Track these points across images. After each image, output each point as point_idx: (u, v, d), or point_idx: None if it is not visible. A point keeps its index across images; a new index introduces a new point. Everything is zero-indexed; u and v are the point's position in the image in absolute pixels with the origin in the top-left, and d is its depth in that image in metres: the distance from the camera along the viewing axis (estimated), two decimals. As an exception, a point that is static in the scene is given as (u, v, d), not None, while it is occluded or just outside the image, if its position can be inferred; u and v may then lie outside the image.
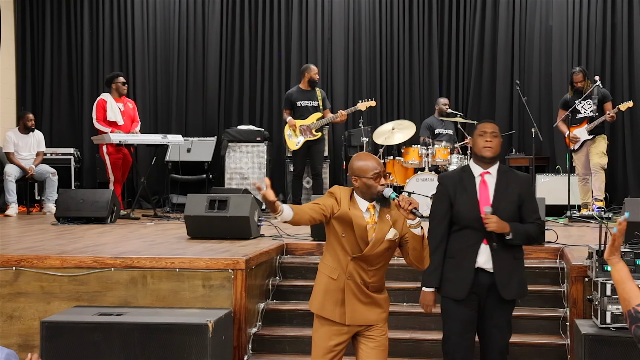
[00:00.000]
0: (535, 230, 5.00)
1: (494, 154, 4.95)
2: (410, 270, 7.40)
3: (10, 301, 6.66)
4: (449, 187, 5.01)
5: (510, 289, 4.92)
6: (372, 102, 11.17)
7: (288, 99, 11.22)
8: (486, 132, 4.95)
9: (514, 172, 5.19)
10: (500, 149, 5.01)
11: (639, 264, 5.71)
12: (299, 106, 11.05)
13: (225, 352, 6.19)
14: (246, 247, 7.34)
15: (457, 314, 4.97)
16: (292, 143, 11.08)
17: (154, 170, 12.29)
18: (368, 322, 4.67)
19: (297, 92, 11.18)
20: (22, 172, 11.49)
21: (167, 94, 13.25)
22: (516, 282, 4.96)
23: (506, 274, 4.90)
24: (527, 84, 12.25)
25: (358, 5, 12.80)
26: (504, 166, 5.13)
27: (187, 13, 13.19)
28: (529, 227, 4.95)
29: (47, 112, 13.44)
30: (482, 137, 4.95)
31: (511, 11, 12.44)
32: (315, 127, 10.96)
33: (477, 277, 4.90)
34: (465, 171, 5.06)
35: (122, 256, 6.73)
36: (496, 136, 4.96)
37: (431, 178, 10.63)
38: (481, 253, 4.90)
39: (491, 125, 5.01)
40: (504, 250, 4.90)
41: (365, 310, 4.66)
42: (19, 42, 13.46)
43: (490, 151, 4.94)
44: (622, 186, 11.95)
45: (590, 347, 5.54)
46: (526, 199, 4.99)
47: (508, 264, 4.92)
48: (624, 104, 10.49)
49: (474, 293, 4.92)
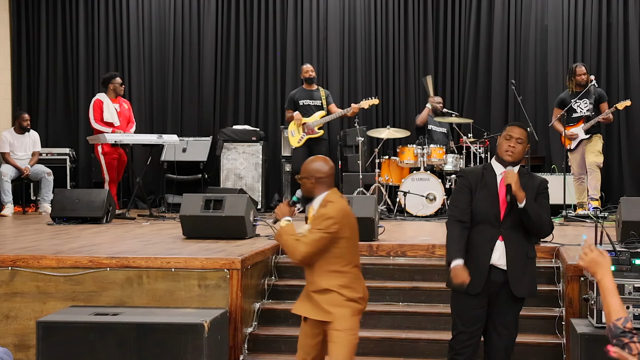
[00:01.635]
0: (547, 219, 5.05)
1: (514, 160, 5.02)
2: (406, 270, 7.44)
3: (6, 301, 6.65)
4: (471, 180, 5.07)
5: (522, 287, 4.99)
6: (375, 100, 11.14)
7: (291, 99, 11.20)
8: (512, 137, 5.02)
9: (532, 175, 5.24)
10: (523, 155, 5.09)
11: (635, 264, 5.72)
12: (301, 105, 11.03)
13: (221, 352, 6.19)
14: (242, 246, 7.34)
15: (468, 310, 5.02)
16: (294, 140, 11.01)
17: (150, 170, 12.29)
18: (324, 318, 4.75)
19: (300, 92, 11.19)
20: (17, 172, 11.48)
21: (163, 94, 13.23)
22: (528, 280, 5.03)
23: (519, 272, 4.98)
24: (522, 83, 12.26)
25: (353, 5, 12.79)
26: (524, 169, 5.17)
27: (183, 13, 13.18)
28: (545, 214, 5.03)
29: (43, 112, 13.42)
30: (508, 141, 5.02)
31: (506, 11, 12.44)
32: (316, 125, 10.93)
33: (489, 274, 4.96)
34: (487, 168, 5.14)
35: (117, 256, 6.73)
36: (521, 142, 5.02)
37: (426, 178, 10.64)
38: (496, 249, 4.96)
39: (519, 131, 5.06)
40: (518, 249, 4.98)
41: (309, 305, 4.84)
42: (15, 42, 13.43)
43: (511, 156, 5.02)
44: (618, 185, 11.96)
45: (586, 347, 5.55)
46: (540, 196, 5.05)
47: (521, 261, 4.99)
48: (621, 103, 10.48)
49: (486, 290, 4.97)
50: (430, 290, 7.15)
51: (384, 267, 7.51)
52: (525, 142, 5.06)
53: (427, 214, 10.54)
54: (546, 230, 5.14)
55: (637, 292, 5.60)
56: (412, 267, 7.44)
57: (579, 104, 10.49)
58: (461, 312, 5.06)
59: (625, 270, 5.72)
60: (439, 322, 6.84)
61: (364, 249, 7.67)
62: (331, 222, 4.69)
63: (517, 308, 5.10)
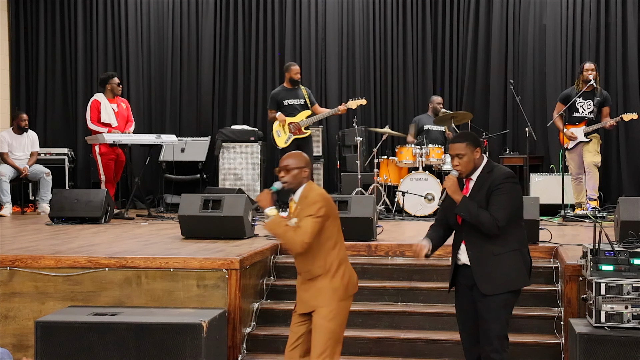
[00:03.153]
0: (486, 217, 5.04)
1: (466, 171, 5.20)
2: (404, 270, 7.44)
3: (4, 301, 6.66)
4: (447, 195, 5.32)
5: (488, 284, 5.10)
6: (362, 100, 11.04)
7: (274, 99, 10.93)
8: (452, 155, 5.23)
9: (496, 171, 5.24)
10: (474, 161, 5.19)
11: (633, 264, 5.72)
12: (286, 105, 10.82)
13: (219, 352, 6.19)
14: (240, 246, 7.35)
15: (456, 304, 5.40)
16: (280, 140, 10.82)
17: (148, 170, 12.30)
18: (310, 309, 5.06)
19: (283, 91, 10.95)
20: (16, 172, 11.47)
21: (161, 94, 13.23)
22: (498, 277, 5.09)
23: (484, 270, 5.12)
24: (521, 83, 12.26)
25: (352, 5, 12.79)
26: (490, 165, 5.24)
27: (181, 13, 13.18)
28: (482, 211, 5.06)
29: (41, 112, 13.42)
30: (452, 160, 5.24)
31: (505, 10, 12.44)
32: (305, 124, 10.81)
33: (463, 272, 5.26)
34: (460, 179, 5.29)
35: (116, 256, 6.73)
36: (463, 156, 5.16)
37: (425, 177, 10.64)
38: (462, 252, 5.24)
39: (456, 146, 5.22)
40: (480, 249, 5.13)
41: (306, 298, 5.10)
42: (13, 42, 13.43)
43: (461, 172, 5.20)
44: (616, 185, 11.96)
45: (584, 346, 5.55)
46: (493, 193, 5.10)
47: (484, 260, 5.12)
48: (627, 115, 10.41)
49: (464, 289, 5.27)
50: (429, 290, 7.15)
51: (383, 267, 7.51)
52: (469, 151, 5.16)
53: (425, 214, 10.53)
54: (487, 228, 5.05)
55: (635, 292, 5.60)
56: (411, 267, 7.43)
57: (582, 104, 10.45)
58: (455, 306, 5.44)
59: (623, 270, 5.73)
60: (437, 322, 6.85)
61: (363, 249, 7.69)
62: (318, 205, 4.97)
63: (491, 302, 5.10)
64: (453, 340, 6.58)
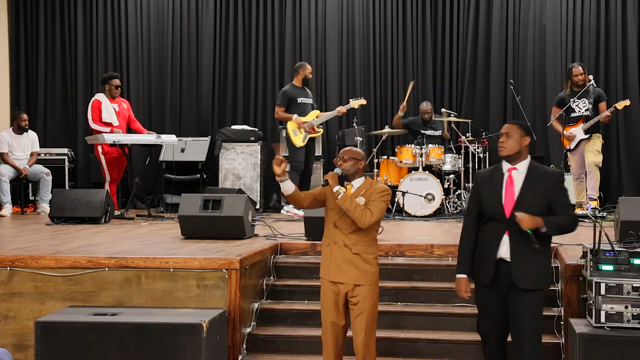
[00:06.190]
0: (568, 220, 5.30)
1: (508, 153, 5.36)
2: (404, 270, 7.43)
3: (4, 301, 6.65)
4: (478, 183, 5.51)
5: (526, 279, 5.19)
6: (362, 100, 11.06)
7: (286, 96, 10.88)
8: (502, 133, 5.41)
9: (544, 169, 5.49)
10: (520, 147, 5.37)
11: (633, 264, 5.72)
12: (299, 103, 10.83)
13: (219, 352, 6.19)
14: (240, 247, 7.34)
15: (484, 298, 5.40)
16: (298, 139, 10.77)
17: (148, 170, 12.29)
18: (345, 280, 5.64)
19: (295, 90, 10.95)
20: (16, 173, 11.47)
21: (161, 94, 13.23)
22: (536, 273, 5.23)
23: (523, 265, 5.20)
24: (521, 83, 12.26)
25: (352, 5, 12.80)
26: (535, 163, 5.43)
27: (181, 13, 13.18)
28: (562, 218, 5.26)
29: (41, 112, 13.43)
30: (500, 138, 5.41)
31: (505, 10, 12.44)
32: (317, 123, 10.86)
33: (499, 267, 5.27)
34: (497, 168, 5.47)
35: (116, 256, 6.73)
36: (510, 136, 5.37)
37: (425, 177, 10.64)
38: (503, 244, 5.26)
39: (507, 125, 5.49)
40: (523, 242, 5.19)
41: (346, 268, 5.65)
42: (13, 42, 13.43)
43: (502, 151, 5.39)
44: (617, 185, 11.96)
45: (584, 346, 5.55)
46: (555, 193, 5.28)
47: (526, 254, 5.19)
48: (620, 103, 10.46)
49: (498, 283, 5.29)
50: (429, 290, 7.14)
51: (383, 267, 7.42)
52: (518, 135, 5.38)
53: (425, 214, 10.54)
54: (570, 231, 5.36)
55: (635, 292, 5.60)
56: (411, 267, 7.44)
57: (577, 104, 10.49)
58: (480, 301, 5.46)
59: (623, 270, 5.73)
60: (437, 322, 6.85)
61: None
62: (387, 193, 5.66)
63: (530, 298, 5.22)
64: (453, 340, 6.60)
